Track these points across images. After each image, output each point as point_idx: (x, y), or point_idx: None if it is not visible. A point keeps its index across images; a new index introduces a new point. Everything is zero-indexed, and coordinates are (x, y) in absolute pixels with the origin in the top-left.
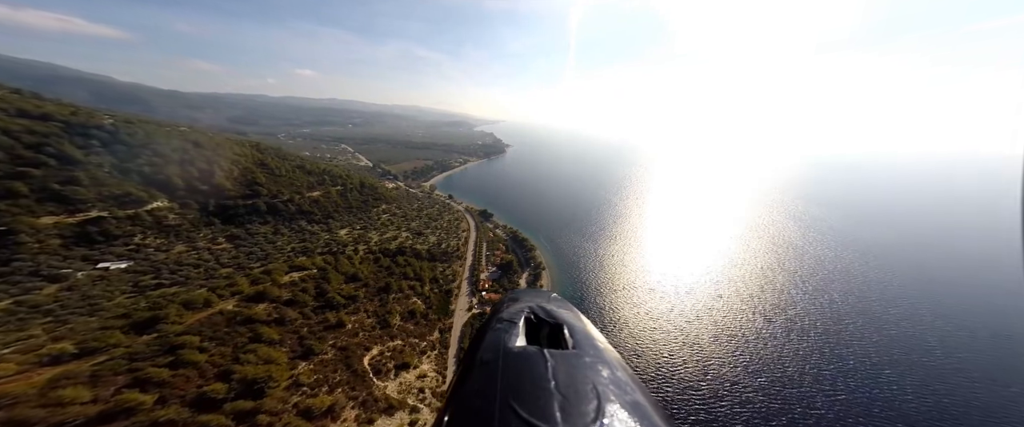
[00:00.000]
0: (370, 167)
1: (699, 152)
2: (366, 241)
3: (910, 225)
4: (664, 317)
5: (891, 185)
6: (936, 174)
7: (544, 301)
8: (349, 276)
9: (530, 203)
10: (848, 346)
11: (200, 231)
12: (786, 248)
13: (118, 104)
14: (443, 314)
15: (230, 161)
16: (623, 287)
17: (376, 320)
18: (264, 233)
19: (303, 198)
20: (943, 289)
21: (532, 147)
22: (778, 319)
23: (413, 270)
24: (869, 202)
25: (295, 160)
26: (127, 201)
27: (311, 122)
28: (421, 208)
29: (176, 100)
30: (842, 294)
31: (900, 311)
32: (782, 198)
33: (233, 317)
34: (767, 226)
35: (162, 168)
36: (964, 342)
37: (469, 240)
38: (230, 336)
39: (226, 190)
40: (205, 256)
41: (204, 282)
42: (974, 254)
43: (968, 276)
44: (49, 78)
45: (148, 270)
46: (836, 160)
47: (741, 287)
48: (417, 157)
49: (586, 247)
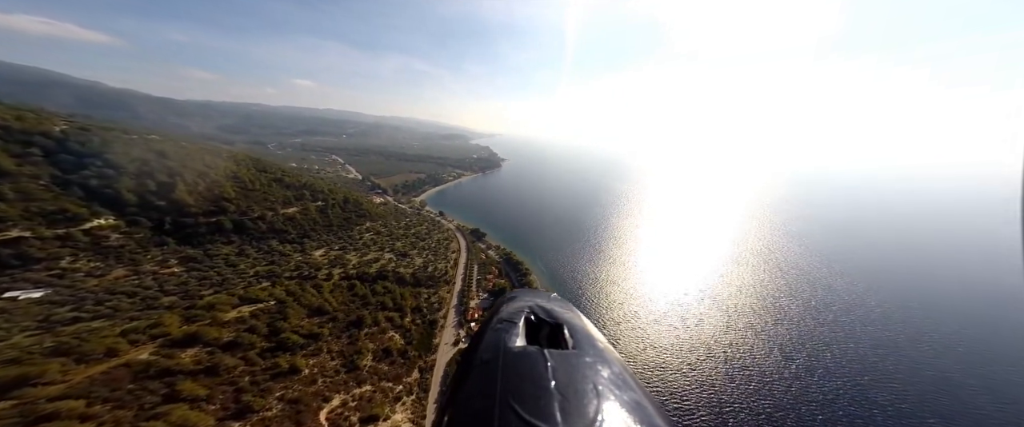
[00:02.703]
0: (359, 180)
1: (694, 165)
2: (343, 264)
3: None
4: (670, 350)
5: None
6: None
7: (544, 301)
8: (313, 309)
9: (525, 221)
10: (882, 388)
11: (148, 253)
12: (795, 274)
13: (104, 110)
14: (425, 350)
15: (196, 173)
16: (625, 318)
17: (342, 362)
18: (226, 254)
19: (277, 215)
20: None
21: (528, 161)
22: (799, 356)
23: (393, 299)
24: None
25: (274, 172)
26: (59, 219)
27: (305, 132)
28: (409, 226)
29: (166, 107)
30: (862, 322)
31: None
32: (786, 219)
33: (143, 370)
34: (772, 250)
35: (113, 181)
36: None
37: (459, 262)
38: (135, 396)
39: (187, 206)
40: (147, 282)
41: (138, 313)
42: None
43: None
44: (36, 82)
45: (68, 300)
46: (850, 177)
47: (752, 317)
48: (410, 170)
49: (584, 270)
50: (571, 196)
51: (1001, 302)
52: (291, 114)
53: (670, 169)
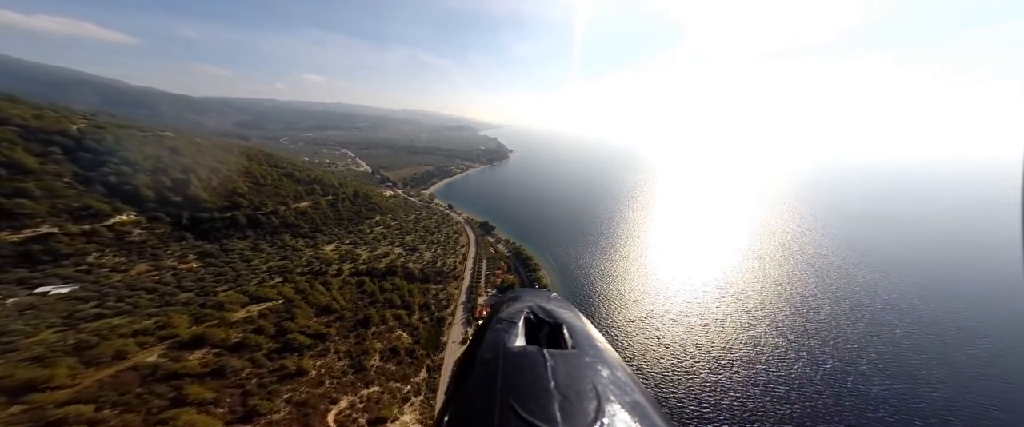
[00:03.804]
0: (369, 173)
1: (705, 157)
2: (353, 258)
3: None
4: (689, 354)
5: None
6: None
7: (544, 301)
8: (321, 308)
9: (534, 214)
10: (921, 398)
11: (169, 248)
12: (828, 271)
13: (126, 108)
14: (433, 349)
15: (209, 169)
16: (639, 316)
17: (349, 362)
18: (241, 249)
19: (289, 209)
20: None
21: (536, 152)
22: (829, 359)
23: (401, 295)
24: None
25: (285, 167)
26: (84, 215)
27: (316, 126)
28: (418, 219)
29: (184, 104)
30: (903, 332)
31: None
32: (812, 210)
33: (151, 373)
34: (796, 241)
35: (131, 177)
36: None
37: (468, 257)
38: (143, 400)
39: (202, 201)
40: (166, 278)
41: (156, 310)
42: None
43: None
44: (63, 82)
45: (93, 296)
46: (875, 167)
47: (778, 317)
48: (418, 163)
49: (596, 266)
50: (581, 188)
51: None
52: (302, 109)
53: (682, 162)
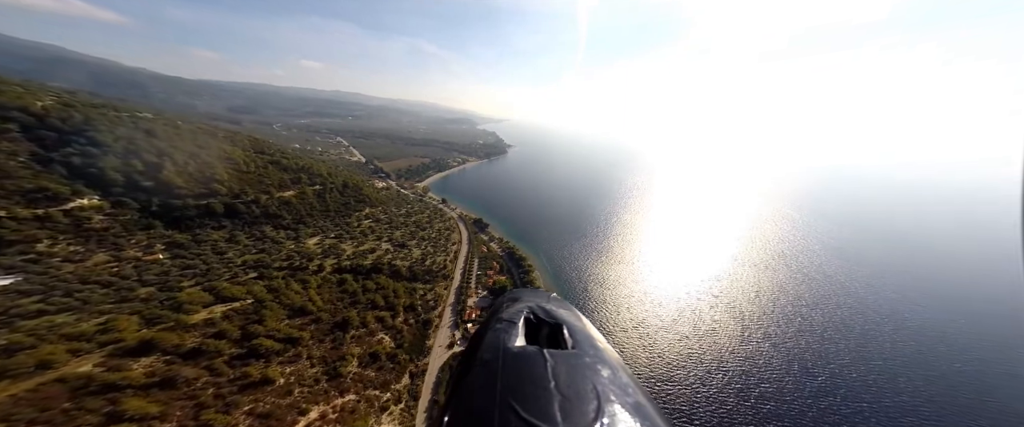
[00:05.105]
0: (362, 163)
1: (703, 157)
2: (337, 253)
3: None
4: (681, 363)
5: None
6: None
7: (544, 301)
8: (295, 309)
9: (530, 212)
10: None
11: (134, 237)
12: (822, 280)
13: (116, 88)
14: (417, 353)
15: (187, 154)
16: (632, 324)
17: (323, 369)
18: (215, 240)
19: (271, 199)
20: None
21: (535, 148)
22: (821, 373)
23: (385, 296)
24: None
25: (272, 154)
26: (38, 198)
27: (311, 113)
28: (409, 213)
29: (177, 86)
30: (893, 342)
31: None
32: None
33: (83, 385)
34: (796, 252)
35: (98, 159)
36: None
37: (459, 255)
38: (70, 417)
39: (176, 187)
40: (126, 271)
41: (110, 306)
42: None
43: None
44: (50, 59)
45: (36, 290)
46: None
47: (771, 327)
48: (414, 154)
49: (590, 269)
50: (578, 187)
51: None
52: (298, 95)
53: (681, 162)
